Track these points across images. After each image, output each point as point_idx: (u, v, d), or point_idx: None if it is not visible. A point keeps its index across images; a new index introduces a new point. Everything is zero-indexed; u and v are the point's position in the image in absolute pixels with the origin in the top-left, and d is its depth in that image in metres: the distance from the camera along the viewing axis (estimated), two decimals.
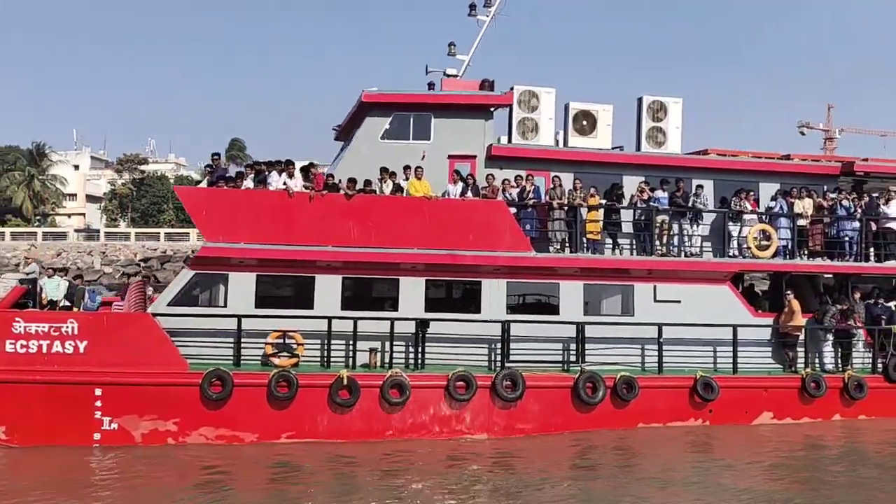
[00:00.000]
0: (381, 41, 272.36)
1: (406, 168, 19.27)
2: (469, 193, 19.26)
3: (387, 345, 18.22)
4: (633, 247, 20.46)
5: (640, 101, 21.50)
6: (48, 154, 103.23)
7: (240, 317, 17.52)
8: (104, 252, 77.59)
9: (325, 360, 17.94)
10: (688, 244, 20.52)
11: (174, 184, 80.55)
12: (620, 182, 20.82)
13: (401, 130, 20.12)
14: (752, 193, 21.08)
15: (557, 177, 20.02)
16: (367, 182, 18.89)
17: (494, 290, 19.30)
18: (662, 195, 20.37)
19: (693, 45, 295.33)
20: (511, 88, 20.59)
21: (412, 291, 18.93)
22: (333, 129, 23.48)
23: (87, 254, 76.97)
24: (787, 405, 19.56)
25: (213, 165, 19.43)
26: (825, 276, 22.30)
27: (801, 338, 20.12)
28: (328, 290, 18.55)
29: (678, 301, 19.97)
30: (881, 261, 21.43)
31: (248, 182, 18.64)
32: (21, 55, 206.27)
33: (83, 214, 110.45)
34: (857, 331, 20.59)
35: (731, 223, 20.61)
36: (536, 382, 18.11)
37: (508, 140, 20.91)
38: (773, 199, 21.23)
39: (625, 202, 20.47)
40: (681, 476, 15.72)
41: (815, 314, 20.40)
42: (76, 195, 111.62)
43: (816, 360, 20.34)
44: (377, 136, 20.06)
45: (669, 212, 20.28)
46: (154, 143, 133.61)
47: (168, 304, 17.79)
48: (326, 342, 17.91)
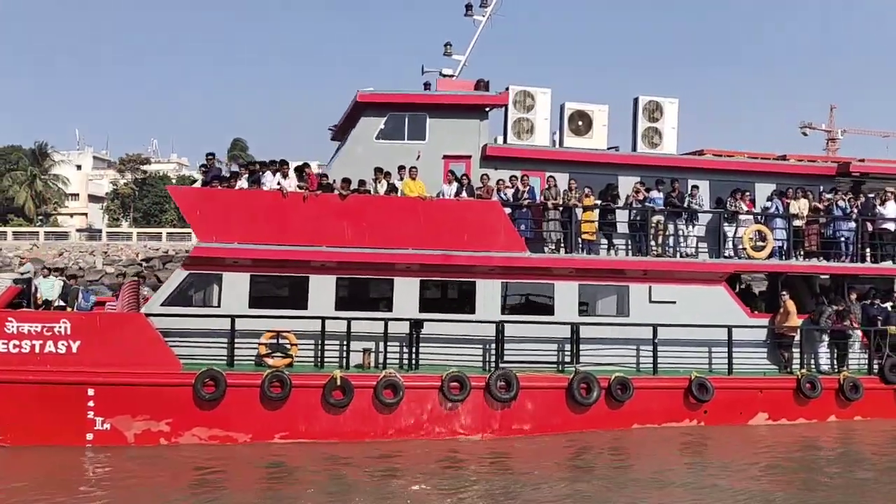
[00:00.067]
0: (382, 41, 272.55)
1: (401, 168, 19.24)
2: (464, 194, 19.23)
3: (381, 345, 18.21)
4: (629, 247, 20.44)
5: (636, 102, 21.46)
6: (50, 154, 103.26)
7: (233, 317, 17.52)
8: (106, 252, 77.72)
9: (319, 361, 17.93)
10: (683, 245, 20.49)
11: (176, 184, 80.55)
12: (616, 182, 20.81)
13: (396, 130, 20.08)
14: (748, 194, 21.02)
15: (552, 177, 19.98)
16: (362, 182, 18.86)
17: (489, 291, 19.27)
18: (658, 196, 20.32)
19: (693, 45, 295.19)
20: (506, 89, 20.51)
21: (406, 292, 18.90)
22: (329, 129, 23.47)
23: (89, 254, 77.10)
24: (783, 406, 19.54)
25: (208, 165, 19.44)
26: (821, 277, 22.23)
27: (797, 339, 20.08)
28: (322, 291, 18.54)
29: (673, 302, 19.95)
30: (877, 261, 21.38)
31: (243, 182, 18.63)
32: (23, 55, 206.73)
33: (85, 214, 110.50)
34: (854, 332, 20.53)
35: (727, 224, 20.56)
36: (531, 383, 18.09)
37: (504, 140, 20.86)
38: (769, 200, 21.17)
39: (620, 202, 20.44)
40: (676, 477, 15.68)
41: (811, 315, 20.37)
42: (78, 195, 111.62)
43: (812, 361, 20.31)
44: (372, 136, 20.03)
45: (665, 212, 20.25)
46: (156, 143, 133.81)
47: (162, 304, 17.79)
48: (320, 342, 17.90)
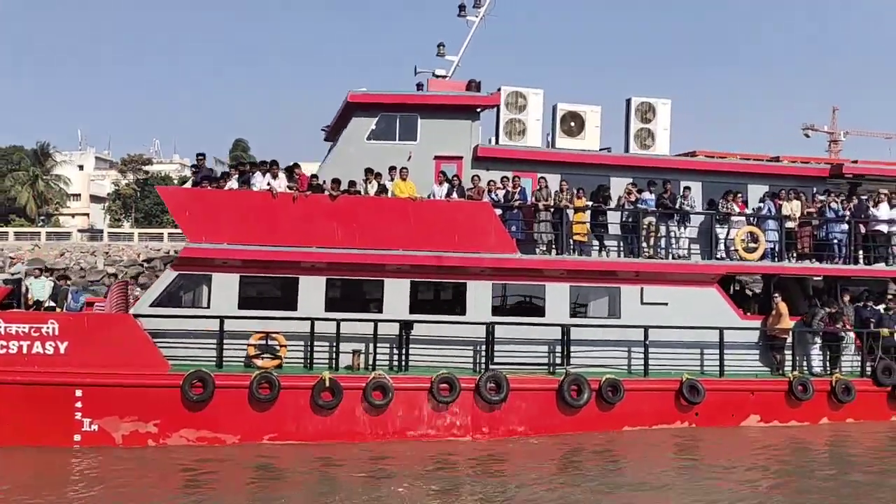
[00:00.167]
0: (382, 41, 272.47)
1: (391, 169, 19.21)
2: (454, 195, 19.20)
3: (371, 347, 18.16)
4: (620, 249, 20.38)
5: (629, 103, 21.41)
6: (52, 154, 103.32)
7: (222, 318, 17.50)
8: (107, 252, 77.75)
9: (309, 362, 17.90)
10: (675, 246, 20.43)
11: (178, 184, 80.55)
12: (608, 184, 20.75)
13: (387, 131, 20.07)
14: (741, 195, 20.93)
15: (544, 178, 19.93)
16: (352, 183, 18.83)
17: (480, 292, 19.22)
18: (650, 197, 20.26)
19: (691, 45, 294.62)
20: (498, 89, 20.51)
21: (397, 293, 18.86)
22: (323, 130, 23.44)
23: (91, 254, 77.13)
24: (775, 408, 19.45)
25: (198, 166, 19.41)
26: (815, 279, 22.15)
27: (789, 341, 20.00)
28: (312, 292, 18.50)
29: (665, 303, 19.89)
30: (870, 263, 21.29)
31: (233, 183, 18.61)
32: (25, 55, 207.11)
33: (87, 215, 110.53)
34: (847, 334, 20.44)
35: (719, 225, 20.50)
36: (521, 385, 18.03)
37: (496, 141, 20.82)
38: (762, 201, 21.11)
39: (612, 204, 20.38)
40: (667, 479, 15.59)
41: (804, 317, 20.28)
42: (80, 195, 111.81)
43: (804, 363, 20.23)
44: (363, 137, 20.01)
45: (657, 213, 20.18)
46: (158, 144, 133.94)
47: (151, 305, 17.78)
48: (310, 344, 17.86)
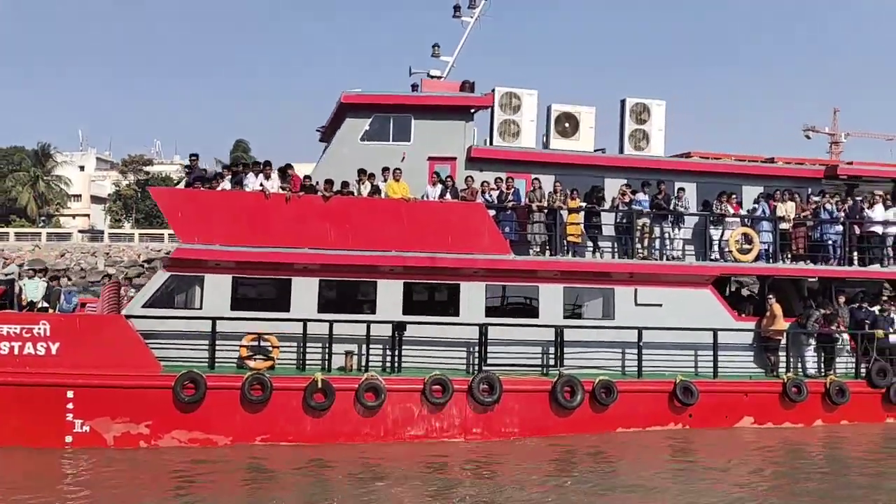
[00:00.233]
0: (382, 41, 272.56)
1: (384, 170, 19.17)
2: (448, 195, 19.15)
3: (363, 348, 18.13)
4: (614, 250, 20.34)
5: (623, 103, 21.34)
6: (53, 155, 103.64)
7: (214, 319, 17.48)
8: (108, 253, 77.93)
9: (301, 363, 17.88)
10: (669, 247, 20.39)
11: (179, 185, 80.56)
12: (602, 184, 20.72)
13: (381, 132, 20.03)
14: (735, 196, 20.88)
15: (537, 179, 19.89)
16: (345, 184, 18.81)
17: (473, 293, 19.18)
18: (644, 198, 20.21)
19: (690, 45, 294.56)
20: (492, 90, 20.46)
21: (390, 294, 18.82)
22: (318, 131, 23.44)
23: (91, 255, 77.30)
24: (769, 410, 19.38)
25: (191, 166, 19.37)
26: (810, 280, 22.07)
27: (783, 342, 19.95)
28: (305, 293, 18.47)
29: (659, 305, 19.83)
30: (865, 265, 21.24)
31: (226, 183, 18.59)
32: (26, 55, 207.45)
33: (87, 215, 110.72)
34: (841, 335, 20.38)
35: (713, 226, 20.45)
36: (514, 386, 17.99)
37: (490, 142, 20.79)
38: (756, 203, 21.06)
39: (606, 205, 20.35)
40: (660, 481, 15.54)
41: (799, 318, 20.23)
42: (81, 196, 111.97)
43: (799, 365, 20.18)
44: (357, 138, 19.98)
45: (651, 215, 20.14)
46: (159, 145, 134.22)
47: (143, 306, 17.75)
48: (302, 345, 17.84)
